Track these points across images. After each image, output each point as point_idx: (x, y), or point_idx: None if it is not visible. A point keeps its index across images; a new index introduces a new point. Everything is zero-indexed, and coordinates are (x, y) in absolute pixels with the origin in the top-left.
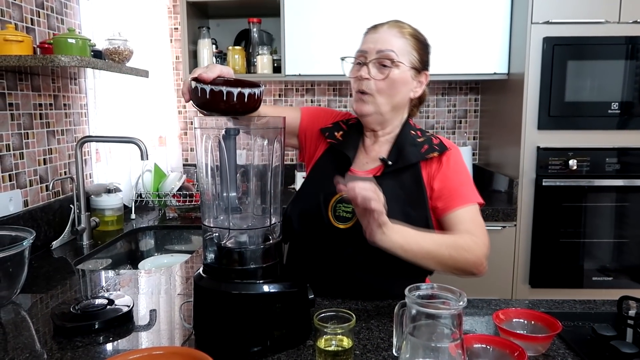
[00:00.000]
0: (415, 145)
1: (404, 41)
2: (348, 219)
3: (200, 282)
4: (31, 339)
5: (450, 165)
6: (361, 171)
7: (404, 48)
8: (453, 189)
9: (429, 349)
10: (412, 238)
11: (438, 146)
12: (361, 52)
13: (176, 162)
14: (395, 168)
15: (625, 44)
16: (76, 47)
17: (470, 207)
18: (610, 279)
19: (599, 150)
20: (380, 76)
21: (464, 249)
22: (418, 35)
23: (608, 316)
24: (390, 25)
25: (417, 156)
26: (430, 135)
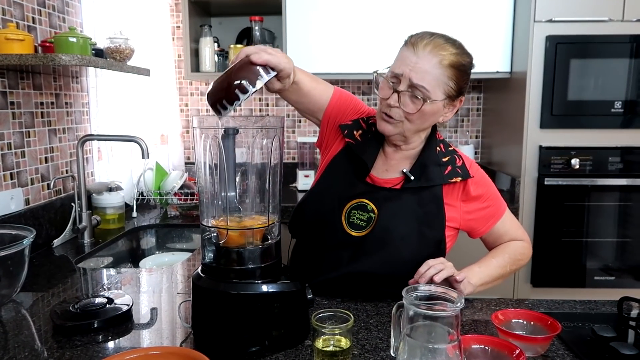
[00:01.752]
0: (439, 165)
1: (441, 72)
2: (362, 227)
3: (198, 281)
4: (31, 337)
5: (478, 188)
6: (380, 179)
7: (440, 79)
8: (488, 211)
9: (427, 350)
10: (486, 275)
11: (461, 169)
12: (395, 73)
13: (178, 160)
14: (418, 185)
15: (629, 42)
16: (77, 45)
17: (505, 216)
18: (612, 278)
19: (602, 150)
20: (412, 109)
21: (519, 260)
22: (459, 64)
23: (608, 317)
24: (432, 51)
25: (441, 178)
26: (453, 153)
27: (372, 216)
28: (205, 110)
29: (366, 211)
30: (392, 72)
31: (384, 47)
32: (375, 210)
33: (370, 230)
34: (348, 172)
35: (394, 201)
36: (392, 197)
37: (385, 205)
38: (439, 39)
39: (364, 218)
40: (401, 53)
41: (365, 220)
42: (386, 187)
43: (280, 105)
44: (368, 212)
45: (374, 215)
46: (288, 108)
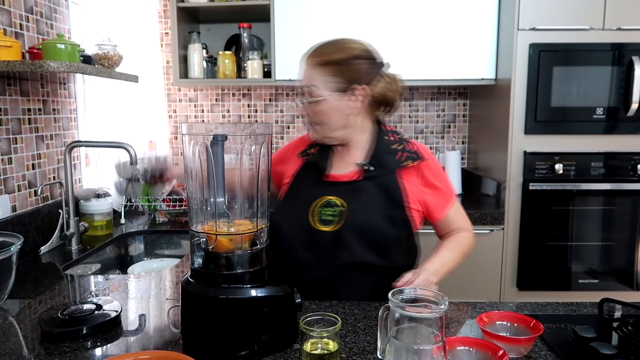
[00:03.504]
0: (392, 152)
1: (319, 71)
2: (333, 222)
3: (187, 287)
4: (18, 344)
5: (431, 176)
6: (340, 174)
7: (322, 78)
8: (440, 196)
9: (412, 352)
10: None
11: (414, 154)
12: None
13: None
14: (375, 174)
15: (609, 50)
16: (65, 52)
17: (456, 204)
18: (596, 281)
19: (585, 155)
20: (309, 111)
21: (467, 252)
22: (329, 61)
23: (590, 318)
24: (307, 60)
25: (395, 163)
26: (404, 141)
27: (342, 210)
28: (194, 116)
29: (334, 206)
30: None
31: None
32: (344, 203)
33: (344, 223)
34: (310, 178)
35: (359, 191)
36: (355, 188)
37: (351, 197)
38: (316, 47)
39: (334, 213)
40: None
41: (336, 215)
42: (347, 181)
43: (269, 112)
44: (337, 207)
45: (343, 208)
46: (277, 114)
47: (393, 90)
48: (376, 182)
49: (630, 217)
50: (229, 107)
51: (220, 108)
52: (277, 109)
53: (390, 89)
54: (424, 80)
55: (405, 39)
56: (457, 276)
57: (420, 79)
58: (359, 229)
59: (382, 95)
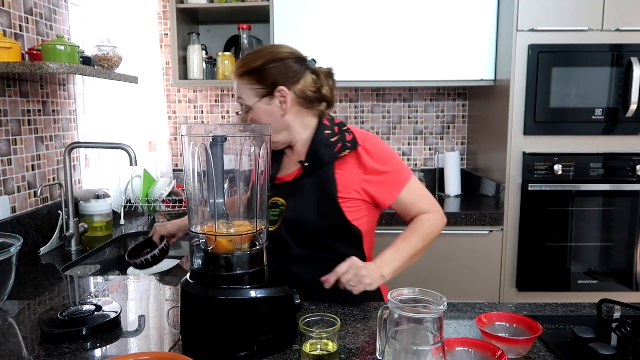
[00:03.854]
0: (329, 145)
1: (241, 83)
2: (275, 221)
3: (187, 287)
4: (18, 345)
5: (371, 157)
6: (285, 175)
7: (243, 88)
8: (386, 179)
9: (411, 352)
10: (398, 261)
11: (350, 142)
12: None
13: (166, 167)
14: (312, 169)
15: (607, 51)
16: (64, 53)
17: (409, 185)
18: (595, 282)
19: (584, 156)
20: (249, 120)
21: (430, 233)
22: (247, 70)
23: (588, 319)
24: (235, 72)
25: (331, 155)
26: (344, 131)
27: (282, 209)
28: (193, 117)
29: (277, 207)
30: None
31: (371, 55)
32: (284, 203)
33: (282, 221)
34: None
35: (297, 190)
36: (294, 187)
37: (289, 196)
38: (240, 59)
39: (276, 213)
40: None
41: (277, 215)
42: (289, 180)
43: None
44: (278, 207)
45: (283, 207)
46: None
47: (322, 85)
48: (314, 176)
49: (629, 217)
50: (229, 108)
51: (219, 109)
52: None
53: (317, 84)
54: (423, 81)
55: (405, 40)
56: (457, 277)
57: (420, 80)
58: (292, 225)
59: (310, 91)
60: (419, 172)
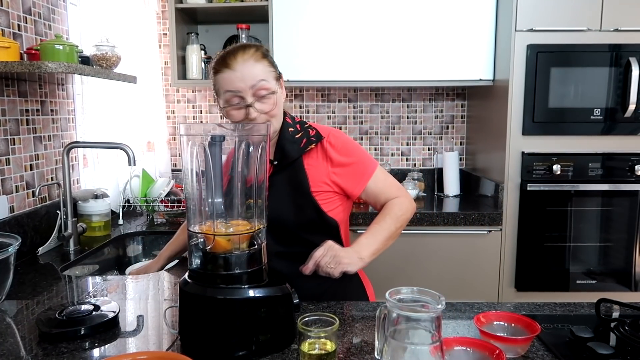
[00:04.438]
0: (294, 142)
1: (262, 65)
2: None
3: (185, 287)
4: (16, 345)
5: (336, 151)
6: None
7: (267, 70)
8: (353, 170)
9: (409, 352)
10: (375, 242)
11: (315, 137)
12: (234, 93)
13: (165, 167)
14: (281, 166)
15: (606, 51)
16: (63, 53)
17: (375, 175)
18: (594, 282)
19: (583, 156)
20: (269, 107)
21: (401, 215)
22: (265, 52)
23: (587, 319)
24: (243, 57)
25: (298, 151)
26: (307, 127)
27: None
28: (192, 117)
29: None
30: (231, 94)
31: (370, 55)
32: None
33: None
34: None
35: (270, 188)
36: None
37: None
38: (238, 50)
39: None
40: (222, 79)
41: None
42: None
43: None
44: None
45: None
46: None
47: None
48: (284, 173)
49: (627, 217)
50: None
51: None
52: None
53: None
54: (422, 81)
55: (404, 40)
56: (455, 277)
57: (419, 80)
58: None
59: None
60: (417, 172)
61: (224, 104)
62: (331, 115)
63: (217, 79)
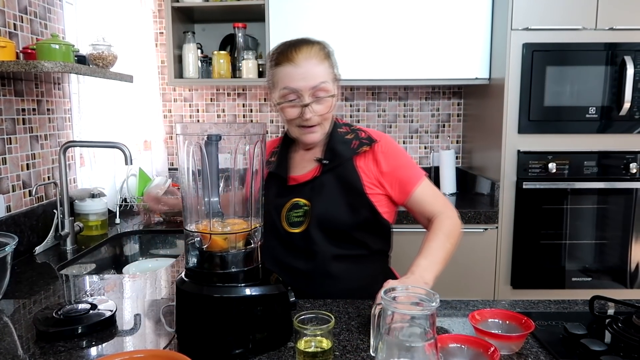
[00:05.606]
0: (345, 142)
1: (325, 66)
2: (301, 222)
3: (182, 286)
4: (13, 344)
5: (387, 156)
6: (301, 175)
7: (327, 72)
8: (401, 176)
9: (404, 349)
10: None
11: (367, 140)
12: (292, 90)
13: (161, 166)
14: (332, 166)
15: (601, 50)
16: (59, 52)
17: (422, 184)
18: (589, 279)
19: (578, 154)
20: (324, 109)
21: (453, 232)
22: (329, 53)
23: (581, 315)
24: (308, 54)
25: (350, 152)
26: (356, 130)
27: (307, 209)
28: (189, 116)
29: (300, 207)
30: (289, 90)
31: (367, 54)
32: (307, 203)
33: (309, 222)
34: (276, 186)
35: (319, 188)
36: (316, 185)
37: (313, 194)
38: (303, 44)
39: (300, 214)
40: (282, 73)
41: (302, 215)
42: (309, 180)
43: (264, 111)
44: (303, 207)
45: (307, 207)
46: (272, 114)
47: None
48: (334, 173)
49: (623, 215)
50: (224, 106)
51: (215, 108)
52: (272, 109)
53: None
54: (419, 80)
55: (400, 39)
56: (452, 275)
57: (415, 79)
58: (322, 224)
59: None
60: None
61: (279, 98)
62: None
63: (276, 71)
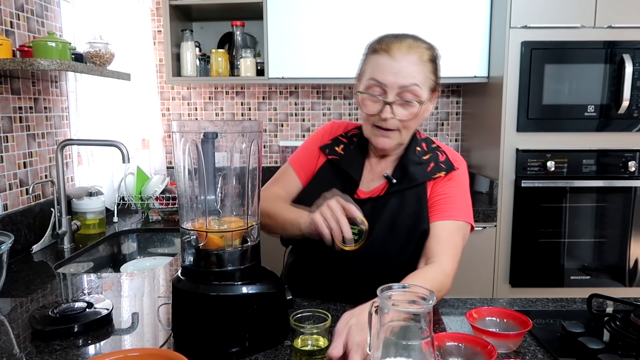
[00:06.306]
0: (420, 164)
1: (425, 68)
2: (354, 241)
3: (178, 284)
4: (9, 343)
5: (452, 182)
6: (366, 192)
7: (425, 76)
8: (443, 206)
9: (401, 347)
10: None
11: (445, 164)
12: (378, 83)
13: (160, 164)
14: (400, 188)
15: (599, 48)
16: (56, 50)
17: (452, 222)
18: (588, 277)
19: (577, 152)
20: (407, 116)
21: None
22: (435, 56)
23: (579, 314)
24: (409, 49)
25: (423, 176)
26: (435, 149)
27: (363, 228)
28: (187, 114)
29: (356, 225)
30: (375, 82)
31: None
32: (365, 222)
33: (363, 243)
34: (335, 186)
35: (381, 210)
36: (378, 206)
37: (374, 216)
38: (408, 38)
39: (355, 231)
40: (374, 62)
41: (356, 234)
42: (372, 197)
43: (263, 110)
44: (358, 225)
45: (364, 227)
46: (270, 112)
47: None
48: (401, 196)
49: (621, 213)
50: (223, 105)
51: (213, 106)
52: (271, 107)
53: None
54: None
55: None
56: None
57: None
58: (379, 251)
59: None
60: None
61: (363, 88)
62: (326, 112)
63: (369, 58)
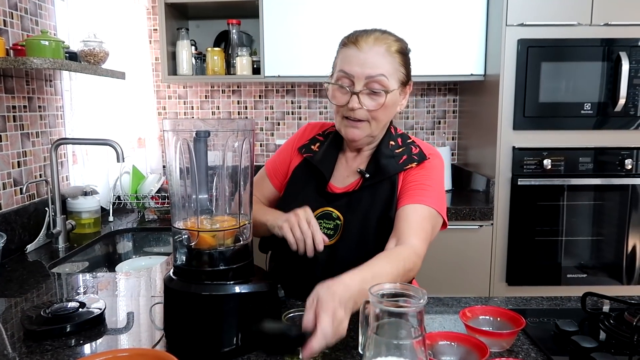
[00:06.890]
0: (393, 157)
1: (392, 59)
2: (330, 236)
3: (170, 284)
4: (1, 343)
5: (424, 170)
6: (341, 187)
7: (393, 67)
8: (413, 191)
9: (391, 346)
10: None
11: (417, 156)
12: (346, 75)
13: (156, 163)
14: (373, 182)
15: (596, 45)
16: (49, 49)
17: (424, 207)
18: (585, 276)
19: (573, 150)
20: (374, 105)
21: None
22: (403, 49)
23: (573, 312)
24: (376, 41)
25: (395, 168)
26: (410, 143)
27: (339, 223)
28: (184, 113)
29: (332, 219)
30: (343, 74)
31: None
32: (340, 217)
33: (339, 238)
34: (309, 183)
35: (355, 203)
36: (352, 200)
37: (348, 209)
38: (376, 32)
39: (330, 226)
40: (344, 54)
41: (332, 229)
42: (348, 192)
43: (259, 108)
44: (334, 220)
45: (339, 222)
46: (267, 111)
47: None
48: (374, 189)
49: (618, 211)
50: (219, 103)
51: (209, 105)
52: (267, 106)
53: None
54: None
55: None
56: (446, 272)
57: None
58: (354, 244)
59: None
60: None
61: (334, 80)
62: (323, 111)
63: (340, 51)
